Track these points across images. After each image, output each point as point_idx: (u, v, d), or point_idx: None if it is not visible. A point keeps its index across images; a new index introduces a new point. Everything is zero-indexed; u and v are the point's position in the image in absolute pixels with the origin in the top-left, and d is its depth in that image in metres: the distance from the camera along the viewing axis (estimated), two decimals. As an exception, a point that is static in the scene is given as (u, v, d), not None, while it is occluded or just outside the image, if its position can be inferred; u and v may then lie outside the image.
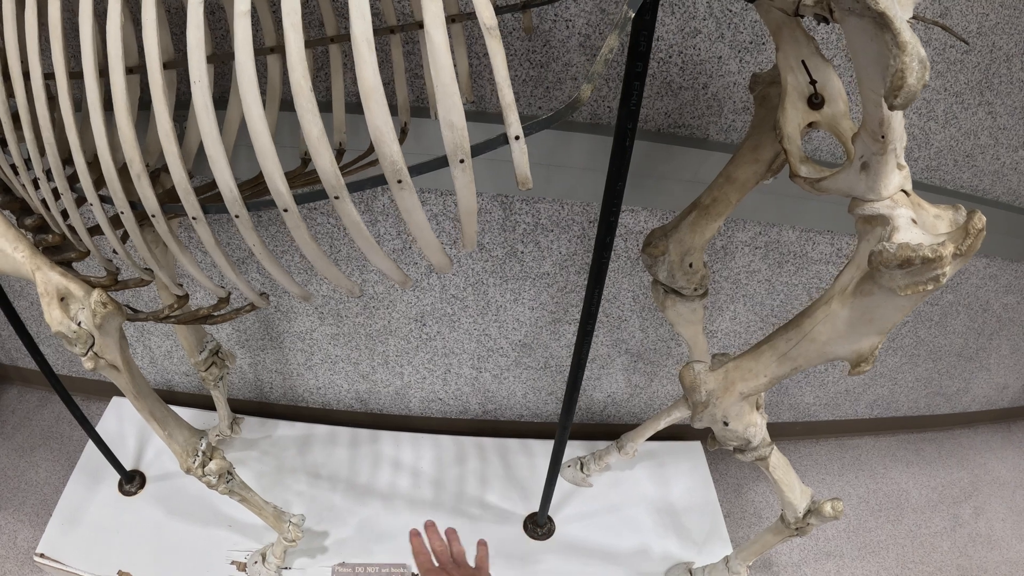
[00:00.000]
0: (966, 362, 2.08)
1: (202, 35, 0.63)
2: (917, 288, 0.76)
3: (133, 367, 1.16)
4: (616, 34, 0.58)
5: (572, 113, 0.61)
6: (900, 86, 0.56)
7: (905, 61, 0.55)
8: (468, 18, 0.96)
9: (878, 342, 0.85)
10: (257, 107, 0.61)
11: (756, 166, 1.07)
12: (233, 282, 0.83)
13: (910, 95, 0.56)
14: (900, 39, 0.55)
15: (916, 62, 0.55)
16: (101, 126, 0.76)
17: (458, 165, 0.60)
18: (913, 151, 1.46)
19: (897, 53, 0.55)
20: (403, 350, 1.80)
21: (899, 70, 0.56)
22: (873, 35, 0.58)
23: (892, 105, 0.57)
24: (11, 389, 2.08)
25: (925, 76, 0.56)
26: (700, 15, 1.20)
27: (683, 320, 1.32)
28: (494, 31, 0.54)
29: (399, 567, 1.59)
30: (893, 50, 0.56)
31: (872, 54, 0.59)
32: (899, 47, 0.55)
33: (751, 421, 1.00)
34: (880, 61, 0.58)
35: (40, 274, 1.08)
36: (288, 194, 0.65)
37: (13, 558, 1.64)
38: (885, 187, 0.78)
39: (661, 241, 1.17)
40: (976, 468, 2.20)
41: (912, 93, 0.56)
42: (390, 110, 0.74)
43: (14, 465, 1.86)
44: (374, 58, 0.56)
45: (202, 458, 1.28)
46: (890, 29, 0.55)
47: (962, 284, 1.79)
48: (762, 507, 1.95)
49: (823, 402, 2.11)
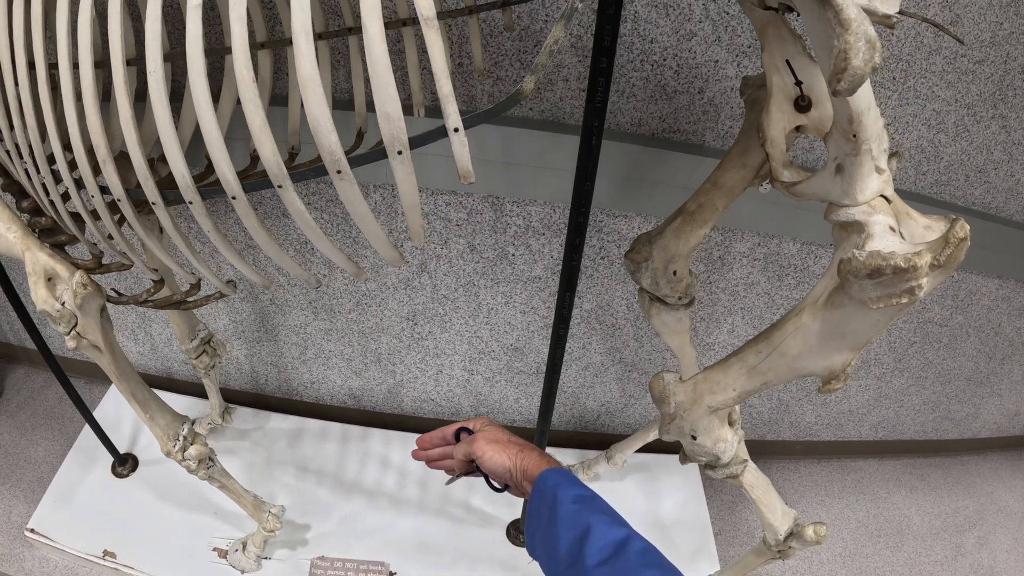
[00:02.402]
0: (976, 387, 2.00)
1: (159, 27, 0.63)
2: (890, 301, 0.72)
3: (116, 349, 1.18)
4: (562, 25, 0.56)
5: (513, 105, 0.59)
6: (844, 68, 0.52)
7: (849, 40, 0.51)
8: (450, 15, 0.95)
9: (851, 358, 0.81)
10: (205, 96, 0.61)
11: (744, 172, 1.04)
12: (194, 267, 0.83)
13: (856, 78, 0.52)
14: (843, 16, 0.51)
15: (862, 41, 0.51)
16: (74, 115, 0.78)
17: (396, 157, 0.59)
18: (922, 164, 1.41)
19: (840, 32, 0.51)
20: (395, 348, 1.80)
21: (842, 50, 0.52)
22: (818, 14, 0.54)
23: (836, 90, 0.54)
24: (18, 369, 2.13)
25: (874, 58, 0.52)
26: (696, 17, 1.17)
27: (668, 329, 1.28)
28: (432, 22, 0.53)
29: (377, 564, 1.59)
30: (836, 29, 0.52)
31: (819, 36, 0.56)
32: (842, 25, 0.51)
33: (721, 436, 0.97)
34: (827, 43, 0.54)
35: (29, 254, 1.10)
36: (236, 182, 0.65)
37: (6, 532, 1.67)
38: (861, 191, 0.74)
39: (644, 247, 1.15)
40: (983, 497, 2.11)
41: (858, 76, 0.52)
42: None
43: (15, 443, 1.90)
44: (312, 50, 0.55)
45: (183, 443, 1.29)
46: (832, 5, 0.51)
47: (973, 305, 1.73)
48: (755, 527, 1.90)
49: (825, 422, 2.05)
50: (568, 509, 0.70)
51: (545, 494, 0.73)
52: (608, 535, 0.66)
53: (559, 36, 0.56)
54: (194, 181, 0.69)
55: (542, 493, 0.74)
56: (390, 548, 1.63)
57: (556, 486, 0.73)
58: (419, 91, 1.11)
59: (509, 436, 0.83)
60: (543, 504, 0.73)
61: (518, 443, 0.82)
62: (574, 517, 0.70)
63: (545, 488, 0.74)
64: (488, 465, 0.80)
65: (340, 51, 1.22)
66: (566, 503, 0.71)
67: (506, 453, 0.79)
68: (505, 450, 0.79)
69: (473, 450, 0.81)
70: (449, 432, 0.88)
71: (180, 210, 1.49)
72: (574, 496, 0.72)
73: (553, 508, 0.71)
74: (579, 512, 0.70)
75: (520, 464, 0.78)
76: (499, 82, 1.25)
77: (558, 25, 0.56)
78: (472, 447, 0.81)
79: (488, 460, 0.79)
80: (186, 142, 1.06)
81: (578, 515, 0.70)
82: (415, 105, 1.11)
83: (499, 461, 0.79)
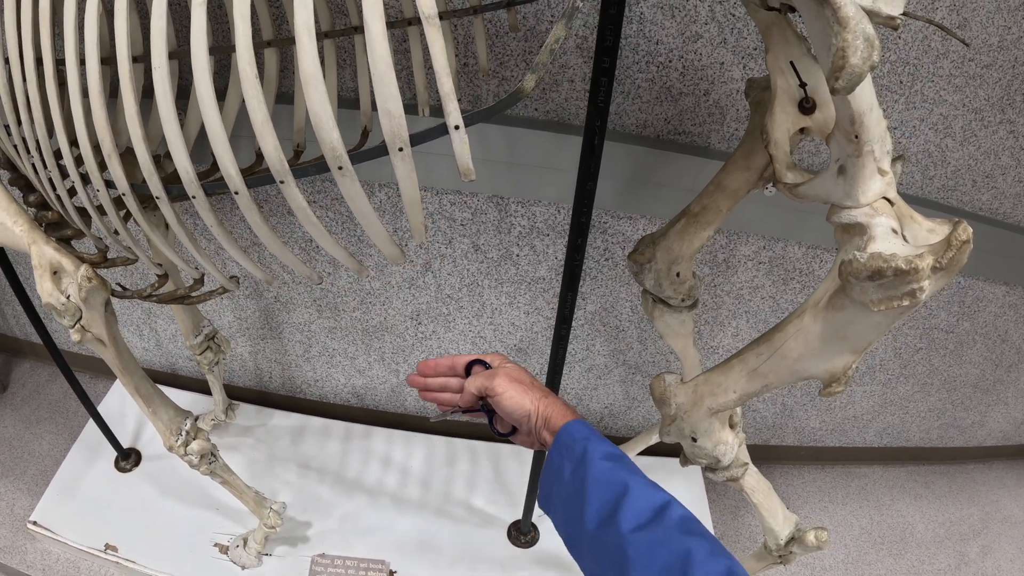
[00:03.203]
0: (982, 394, 1.99)
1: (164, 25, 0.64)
2: (891, 304, 0.72)
3: (120, 343, 1.19)
4: (563, 24, 0.56)
5: (514, 103, 0.59)
6: (842, 66, 0.51)
7: (847, 38, 0.51)
8: (455, 15, 0.96)
9: (852, 361, 0.81)
10: (208, 91, 0.61)
11: (748, 174, 1.03)
12: (198, 261, 0.83)
13: (854, 77, 0.52)
14: (841, 14, 0.51)
15: (860, 40, 0.51)
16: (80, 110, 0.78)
17: (397, 153, 0.59)
18: (929, 169, 1.40)
19: (838, 30, 0.51)
20: (399, 347, 1.80)
21: (840, 48, 0.51)
22: (816, 12, 0.54)
23: (834, 88, 0.53)
24: (23, 363, 2.15)
25: (873, 56, 0.51)
26: (702, 19, 1.17)
27: (672, 331, 1.28)
28: (432, 20, 0.53)
29: (378, 563, 1.59)
30: (834, 27, 0.51)
31: (818, 34, 0.55)
32: (840, 22, 0.51)
33: (721, 439, 0.97)
34: (825, 41, 0.54)
35: (35, 248, 1.11)
36: (238, 177, 0.66)
37: (9, 524, 1.68)
38: (863, 193, 0.74)
39: (648, 248, 1.15)
40: (987, 505, 2.09)
41: (856, 74, 0.51)
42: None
43: (19, 436, 1.92)
44: (314, 47, 0.55)
45: (185, 437, 1.30)
46: (830, 3, 0.51)
47: (979, 312, 1.71)
48: (757, 531, 1.89)
49: (830, 427, 2.04)
50: (600, 467, 0.65)
51: (573, 446, 0.67)
52: (647, 499, 0.61)
53: (560, 35, 0.56)
54: (198, 176, 0.69)
55: (569, 445, 0.68)
56: (391, 547, 1.64)
57: (586, 439, 0.68)
58: (424, 90, 1.11)
59: (531, 378, 0.75)
60: (569, 456, 0.67)
61: (540, 388, 0.74)
62: (607, 475, 0.64)
63: (573, 440, 0.68)
64: (506, 405, 0.72)
65: (346, 50, 1.22)
66: (597, 459, 0.65)
67: (528, 395, 0.72)
68: (528, 392, 0.72)
69: (493, 385, 0.72)
70: (461, 362, 0.79)
71: (185, 206, 1.50)
72: (605, 452, 0.67)
73: (582, 463, 0.65)
74: (613, 471, 0.64)
75: (543, 410, 0.71)
76: (504, 82, 1.26)
77: (559, 24, 0.56)
78: (492, 382, 0.73)
79: (507, 400, 0.71)
80: (192, 138, 1.07)
81: (612, 473, 0.64)
82: (420, 104, 1.11)
83: (519, 403, 0.71)
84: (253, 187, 0.67)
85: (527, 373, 0.76)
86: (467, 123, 0.58)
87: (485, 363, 0.78)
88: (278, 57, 1.13)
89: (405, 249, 1.57)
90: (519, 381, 0.73)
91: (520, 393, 0.72)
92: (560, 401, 0.74)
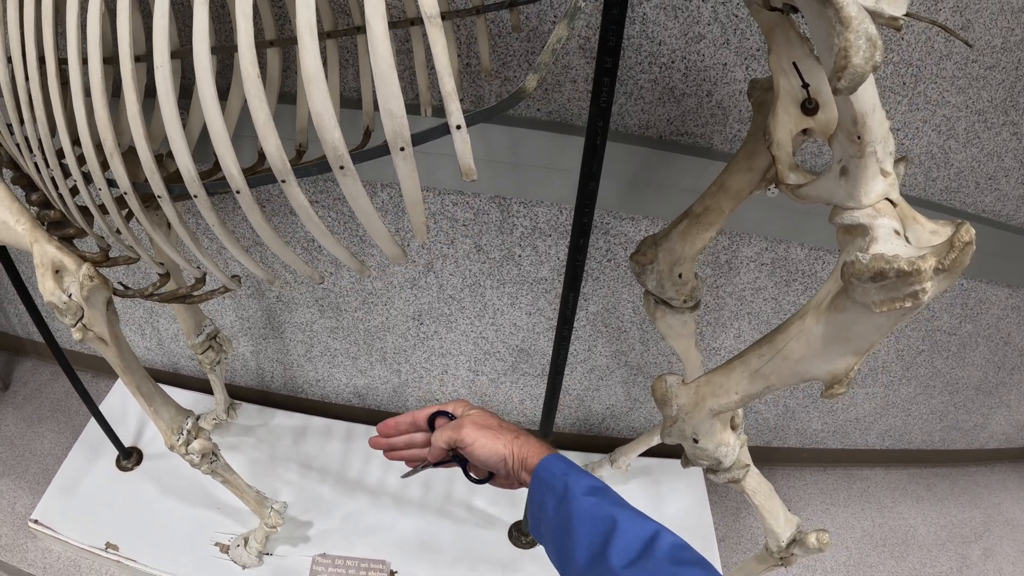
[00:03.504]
0: (985, 396, 1.98)
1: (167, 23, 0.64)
2: (894, 305, 0.71)
3: (122, 342, 1.19)
4: (565, 24, 0.56)
5: (516, 103, 0.59)
6: (844, 66, 0.51)
7: (849, 38, 0.51)
8: (458, 15, 0.96)
9: (855, 363, 0.80)
10: (210, 90, 0.61)
11: (750, 175, 1.03)
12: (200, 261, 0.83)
13: (856, 77, 0.52)
14: (843, 13, 0.50)
15: (863, 40, 0.51)
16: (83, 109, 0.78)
17: (399, 153, 0.59)
18: (932, 171, 1.40)
19: (840, 29, 0.51)
20: (400, 348, 1.80)
21: (842, 48, 0.51)
22: (819, 12, 0.54)
23: (836, 88, 0.53)
24: (26, 361, 2.15)
25: (875, 56, 0.51)
26: (704, 20, 1.17)
27: (674, 333, 1.28)
28: (435, 20, 0.53)
29: (378, 563, 1.59)
30: (836, 27, 0.51)
31: (821, 35, 0.55)
32: (842, 22, 0.51)
33: (723, 440, 0.97)
34: (828, 41, 0.54)
35: (37, 246, 1.11)
36: (240, 176, 0.66)
37: (10, 523, 1.69)
38: (866, 194, 0.74)
39: (650, 249, 1.14)
40: (989, 508, 2.09)
41: (858, 75, 0.51)
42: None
43: (21, 434, 1.92)
44: (316, 46, 0.55)
45: (186, 436, 1.30)
46: (832, 3, 0.51)
47: (982, 314, 1.71)
48: (758, 533, 1.88)
49: (832, 429, 2.03)
50: (584, 502, 0.64)
51: (553, 483, 0.67)
52: (635, 532, 0.61)
53: (562, 35, 0.56)
54: (200, 176, 0.69)
55: (548, 482, 0.67)
56: (391, 547, 1.64)
57: (565, 475, 0.67)
58: (426, 90, 1.11)
59: (499, 420, 0.75)
60: (551, 493, 0.67)
61: (511, 428, 0.73)
62: (592, 510, 0.63)
63: (552, 476, 0.67)
64: (479, 454, 0.71)
65: (349, 50, 1.22)
66: (580, 495, 0.65)
67: (500, 440, 0.71)
68: (499, 436, 0.71)
69: (461, 436, 0.71)
70: (422, 417, 0.78)
71: (187, 206, 1.50)
72: (588, 487, 0.66)
73: (565, 499, 0.65)
74: (597, 505, 0.64)
75: (517, 452, 0.70)
76: (506, 82, 1.26)
77: (561, 24, 0.56)
78: (459, 433, 0.72)
79: (480, 448, 0.70)
80: (195, 138, 1.07)
81: (597, 508, 0.63)
82: (422, 104, 1.12)
83: (493, 449, 0.70)
84: (255, 186, 0.67)
85: (494, 416, 0.76)
86: (469, 123, 0.58)
87: (447, 413, 0.77)
88: (280, 57, 1.13)
89: (407, 249, 1.57)
90: (487, 427, 0.72)
91: (491, 439, 0.71)
92: (533, 438, 0.73)
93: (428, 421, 0.77)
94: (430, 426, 0.77)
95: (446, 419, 0.77)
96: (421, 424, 0.78)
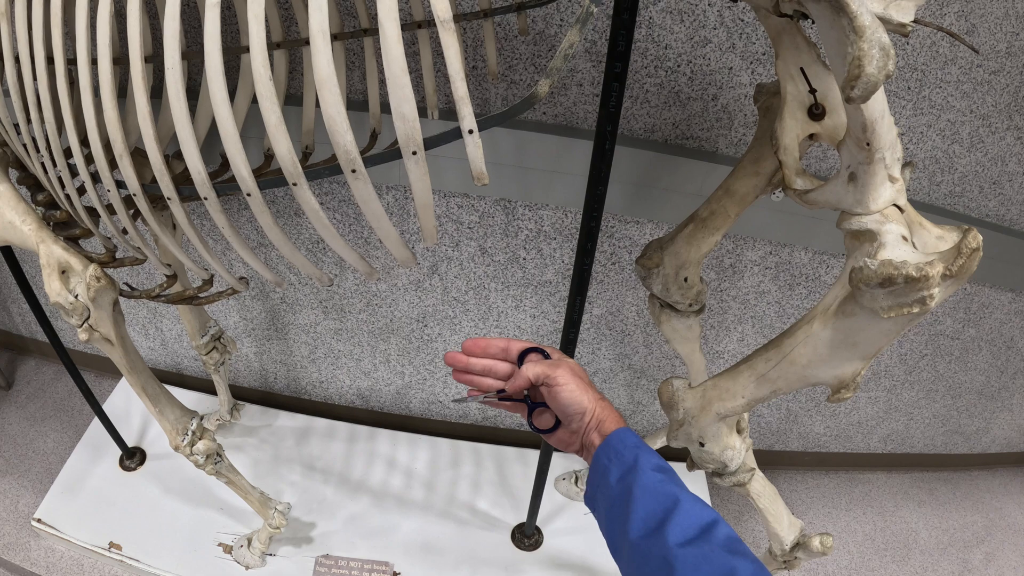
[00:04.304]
0: (987, 401, 1.98)
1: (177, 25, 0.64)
2: (901, 311, 0.72)
3: (127, 342, 1.19)
4: (577, 29, 0.56)
5: (528, 109, 0.59)
6: (857, 75, 0.52)
7: (863, 48, 0.51)
8: (465, 18, 0.96)
9: (861, 368, 0.81)
10: (222, 93, 0.62)
11: (756, 179, 1.04)
12: (207, 262, 0.84)
13: (869, 86, 0.52)
14: (857, 23, 0.51)
15: (876, 49, 0.51)
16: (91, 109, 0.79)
17: (411, 157, 0.59)
18: (936, 175, 1.40)
19: (854, 39, 0.51)
20: (404, 350, 1.81)
21: (856, 57, 0.52)
22: (832, 21, 0.54)
23: (849, 97, 0.54)
24: (29, 361, 2.15)
25: (888, 65, 0.52)
26: (710, 24, 1.17)
27: (679, 336, 1.28)
28: (448, 24, 0.53)
29: (381, 564, 1.59)
30: (850, 36, 0.52)
31: (833, 43, 0.56)
32: (856, 32, 0.51)
33: (729, 444, 0.97)
34: (840, 50, 0.54)
35: (44, 247, 1.12)
36: (251, 179, 0.66)
37: (13, 521, 1.69)
38: (874, 200, 0.74)
39: (656, 253, 1.15)
40: (991, 512, 2.09)
41: (871, 83, 0.52)
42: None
43: (24, 433, 1.92)
44: (329, 49, 0.56)
45: (191, 437, 1.30)
46: (846, 12, 0.51)
47: (985, 319, 1.71)
48: (762, 536, 1.88)
49: (834, 433, 2.03)
50: (651, 477, 0.65)
51: (624, 452, 0.68)
52: (695, 515, 0.62)
53: (574, 40, 0.56)
54: (209, 178, 0.70)
55: (619, 451, 0.68)
56: (395, 548, 1.64)
57: (637, 447, 0.68)
58: (433, 93, 1.11)
59: (589, 379, 0.75)
60: (618, 461, 0.68)
61: (597, 390, 0.74)
62: (657, 486, 0.65)
63: (624, 446, 0.68)
64: (565, 398, 0.70)
65: (355, 52, 1.23)
66: (648, 469, 0.66)
67: (587, 394, 0.71)
68: (587, 390, 0.72)
69: (556, 375, 0.71)
70: (516, 347, 0.75)
71: (194, 206, 1.51)
72: (656, 464, 0.67)
73: (633, 470, 0.66)
74: (663, 483, 0.65)
75: (599, 412, 0.71)
76: (513, 85, 1.26)
77: (573, 29, 0.56)
78: (555, 371, 0.71)
79: (567, 392, 0.70)
80: (201, 139, 1.08)
81: (662, 485, 0.65)
82: (429, 107, 1.12)
83: (578, 398, 0.70)
84: (266, 188, 0.67)
85: (585, 372, 0.76)
86: (481, 128, 0.58)
87: (543, 351, 0.76)
88: (287, 59, 1.13)
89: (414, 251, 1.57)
90: (580, 377, 0.73)
91: (580, 389, 0.71)
92: (614, 408, 0.74)
93: (520, 354, 0.75)
94: (519, 361, 0.75)
95: (539, 356, 0.75)
96: (513, 354, 0.76)
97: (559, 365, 0.72)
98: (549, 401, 0.73)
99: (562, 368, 0.72)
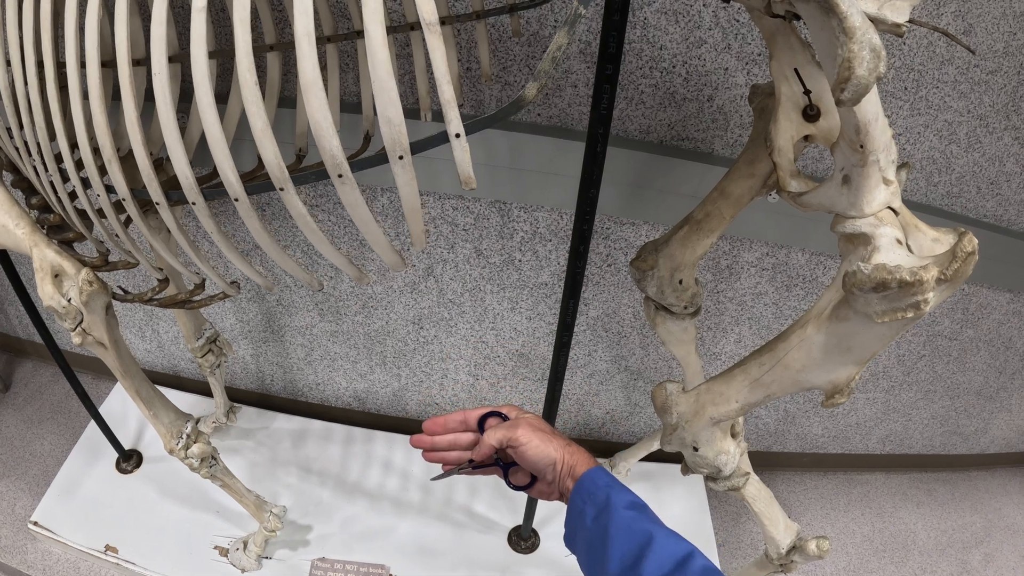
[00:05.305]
0: (986, 401, 1.98)
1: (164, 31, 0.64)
2: (895, 315, 0.71)
3: (121, 346, 1.19)
4: (565, 31, 0.56)
5: (516, 112, 0.59)
6: (847, 77, 0.51)
7: (853, 49, 0.50)
8: (457, 20, 0.95)
9: (855, 372, 0.80)
10: (208, 97, 0.61)
11: (751, 181, 1.03)
12: (198, 267, 0.83)
13: (859, 88, 0.51)
14: (847, 24, 0.50)
15: (867, 50, 0.50)
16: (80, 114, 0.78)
17: (398, 162, 0.59)
18: (933, 176, 1.40)
19: (844, 40, 0.51)
20: (400, 352, 1.80)
21: (846, 59, 0.51)
22: (822, 22, 0.53)
23: (840, 99, 0.53)
24: (26, 363, 2.15)
25: (879, 67, 0.51)
26: (706, 25, 1.17)
27: (674, 339, 1.28)
28: (434, 27, 0.53)
29: (378, 567, 1.58)
30: (840, 37, 0.51)
31: (824, 44, 0.55)
32: (846, 33, 0.50)
33: (723, 448, 0.96)
34: (831, 51, 0.54)
35: (37, 250, 1.11)
36: (239, 184, 0.65)
37: (10, 524, 1.68)
38: (868, 203, 0.73)
39: (650, 255, 1.14)
40: (990, 513, 2.08)
41: (862, 86, 0.51)
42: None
43: (21, 435, 1.92)
44: (314, 53, 0.55)
45: (186, 440, 1.30)
46: (835, 13, 0.51)
47: (983, 319, 1.70)
48: (759, 539, 1.88)
49: (832, 434, 2.03)
50: (624, 515, 0.66)
51: (596, 492, 0.69)
52: (670, 550, 0.62)
53: (563, 43, 0.56)
54: (198, 182, 0.69)
55: (592, 492, 0.69)
56: (391, 551, 1.63)
57: (608, 487, 0.69)
58: (426, 95, 1.11)
59: (551, 428, 0.75)
60: (592, 502, 0.69)
61: (561, 436, 0.74)
62: (631, 524, 0.65)
63: (596, 487, 0.69)
64: (531, 455, 0.71)
65: (349, 54, 1.22)
66: (620, 508, 0.67)
67: (552, 444, 0.72)
68: (551, 440, 0.72)
69: (516, 436, 0.71)
70: (473, 416, 0.76)
71: (186, 211, 1.50)
72: (628, 502, 0.68)
73: (606, 509, 0.67)
74: (636, 520, 0.66)
75: (568, 459, 0.72)
76: (507, 87, 1.25)
77: (561, 31, 0.55)
78: (515, 432, 0.71)
79: (533, 449, 0.71)
80: (193, 143, 1.07)
81: (635, 523, 0.65)
82: (422, 109, 1.11)
83: (545, 452, 0.71)
84: (253, 193, 0.67)
85: (546, 423, 0.76)
86: (468, 131, 0.58)
87: (500, 414, 0.77)
88: (281, 61, 1.13)
89: (407, 255, 1.56)
90: (541, 430, 0.73)
91: (544, 442, 0.72)
92: (582, 449, 0.75)
93: (479, 421, 0.76)
94: (479, 427, 0.76)
95: (498, 420, 0.76)
96: (471, 423, 0.77)
97: (518, 425, 0.73)
98: (518, 460, 0.73)
99: (521, 427, 0.72)
